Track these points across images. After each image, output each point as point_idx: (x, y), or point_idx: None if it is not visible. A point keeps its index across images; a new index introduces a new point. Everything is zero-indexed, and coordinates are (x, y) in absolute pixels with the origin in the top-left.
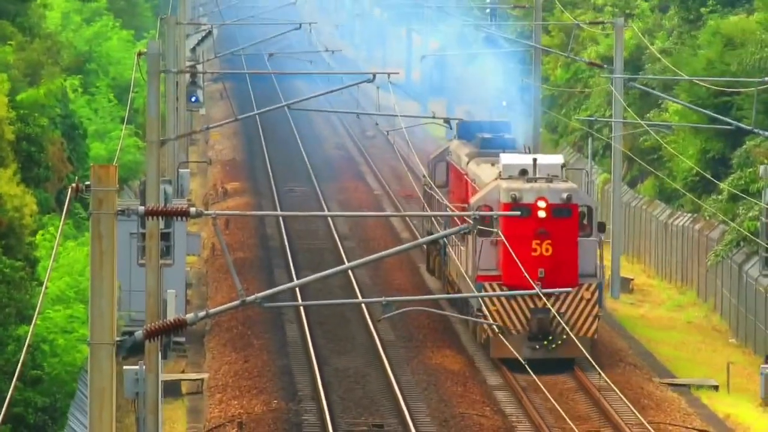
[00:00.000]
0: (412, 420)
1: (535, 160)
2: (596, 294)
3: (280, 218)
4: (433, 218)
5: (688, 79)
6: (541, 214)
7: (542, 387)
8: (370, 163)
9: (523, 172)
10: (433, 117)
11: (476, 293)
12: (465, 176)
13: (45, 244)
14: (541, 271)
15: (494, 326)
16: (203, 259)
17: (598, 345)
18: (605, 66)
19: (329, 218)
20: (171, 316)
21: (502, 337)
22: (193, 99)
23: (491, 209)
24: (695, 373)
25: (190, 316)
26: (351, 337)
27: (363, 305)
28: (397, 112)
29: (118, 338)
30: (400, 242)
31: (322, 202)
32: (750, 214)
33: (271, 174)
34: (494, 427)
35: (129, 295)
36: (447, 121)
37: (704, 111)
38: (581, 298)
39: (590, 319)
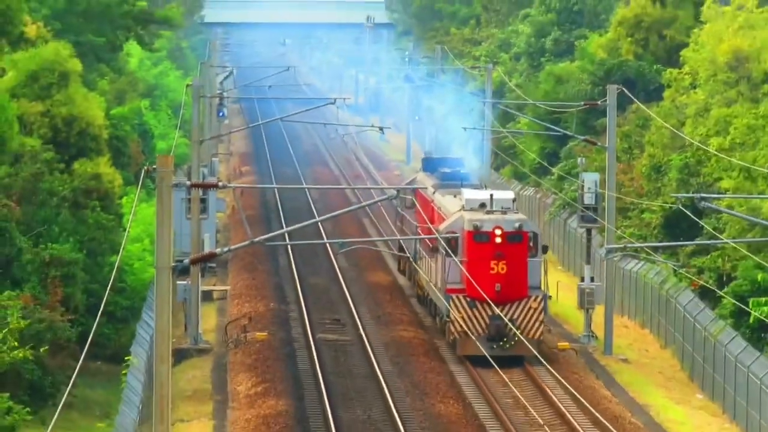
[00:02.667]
0: (358, 315)
1: (491, 195)
2: (542, 304)
3: (276, 189)
4: (401, 239)
5: (532, 103)
6: (498, 240)
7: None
8: (332, 155)
9: (483, 205)
10: (372, 126)
11: (445, 303)
12: (431, 203)
13: (128, 205)
14: (498, 285)
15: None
16: (227, 215)
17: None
18: (479, 95)
19: (306, 189)
20: (206, 250)
21: (471, 336)
22: (220, 114)
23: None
24: None
25: (218, 250)
26: (319, 264)
27: (327, 244)
28: (349, 123)
29: (173, 263)
30: (351, 205)
31: (302, 178)
32: (572, 188)
33: (269, 161)
34: (409, 320)
35: (180, 237)
36: (381, 129)
37: (543, 123)
38: (530, 308)
39: (537, 324)
